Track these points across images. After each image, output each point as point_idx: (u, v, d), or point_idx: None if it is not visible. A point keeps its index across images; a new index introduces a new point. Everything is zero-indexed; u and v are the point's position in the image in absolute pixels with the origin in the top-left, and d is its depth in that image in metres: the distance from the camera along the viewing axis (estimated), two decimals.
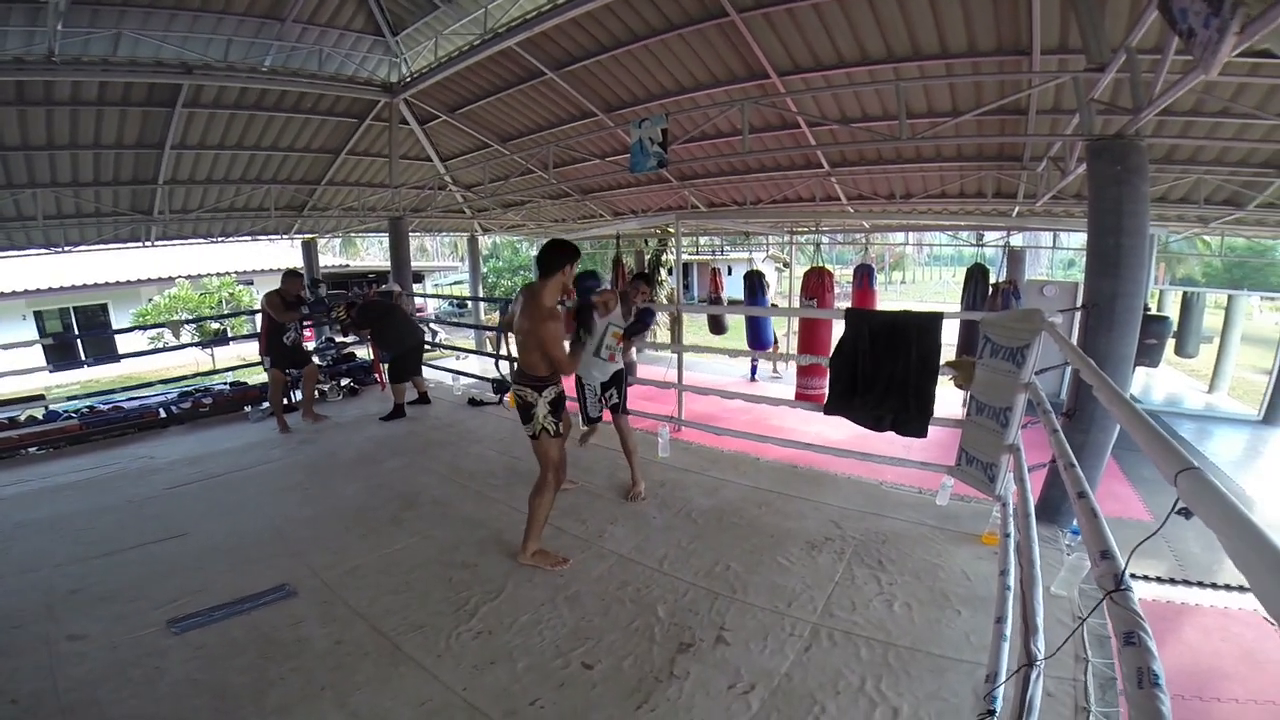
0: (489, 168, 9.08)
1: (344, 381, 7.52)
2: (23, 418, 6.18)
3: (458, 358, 9.68)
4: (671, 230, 11.70)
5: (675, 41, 6.30)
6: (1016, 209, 7.77)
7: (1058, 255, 13.42)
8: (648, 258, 13.96)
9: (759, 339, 10.41)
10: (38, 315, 15.62)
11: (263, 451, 5.29)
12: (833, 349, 3.99)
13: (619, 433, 3.88)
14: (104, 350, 13.48)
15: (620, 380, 3.92)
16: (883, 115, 6.50)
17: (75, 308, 16.13)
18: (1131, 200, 3.26)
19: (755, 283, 10.31)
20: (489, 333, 9.67)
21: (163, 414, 6.48)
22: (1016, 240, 10.24)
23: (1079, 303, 3.46)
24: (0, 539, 3.75)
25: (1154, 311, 9.45)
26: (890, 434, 3.78)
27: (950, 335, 6.71)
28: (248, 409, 6.66)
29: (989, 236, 10.28)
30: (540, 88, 7.76)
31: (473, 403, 6.59)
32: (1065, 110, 5.54)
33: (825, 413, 4.01)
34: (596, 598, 2.73)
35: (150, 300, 16.42)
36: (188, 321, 13.77)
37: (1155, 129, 5.46)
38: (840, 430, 4.19)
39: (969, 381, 3.28)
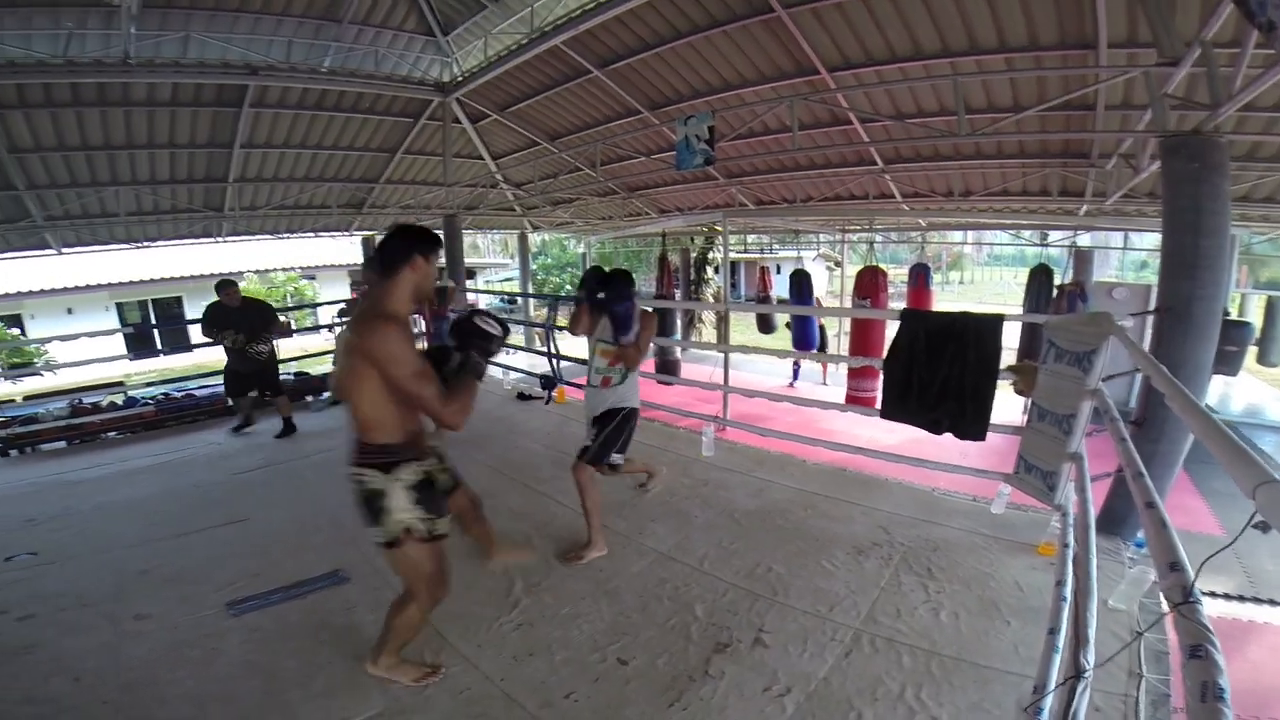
0: (538, 165, 9.21)
1: None
2: (104, 403, 6.63)
3: (507, 353, 9.86)
4: (719, 228, 11.62)
5: (720, 38, 6.25)
6: (1084, 208, 7.40)
7: (1129, 256, 12.70)
8: (694, 256, 13.89)
9: (804, 339, 10.22)
10: (119, 306, 16.75)
11: (323, 440, 5.50)
12: (887, 351, 3.86)
13: (576, 485, 3.09)
14: (179, 340, 14.29)
15: (612, 419, 3.15)
16: (939, 111, 6.29)
17: (153, 300, 17.22)
18: (1210, 198, 3.06)
19: (801, 282, 10.13)
20: (537, 329, 9.80)
21: (231, 402, 6.84)
22: (1084, 240, 9.72)
23: (1152, 306, 3.27)
24: (79, 520, 4.01)
25: (1235, 316, 8.82)
26: (945, 441, 3.66)
27: (1011, 339, 6.47)
28: (309, 398, 6.94)
29: (1054, 236, 9.80)
30: (587, 86, 7.84)
31: (521, 397, 6.71)
32: (1136, 106, 5.25)
33: (881, 416, 3.92)
34: (635, 594, 2.74)
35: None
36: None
37: (1236, 125, 5.11)
38: (893, 435, 4.10)
39: (1031, 387, 3.15)
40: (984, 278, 36.12)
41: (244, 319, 5.51)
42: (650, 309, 3.31)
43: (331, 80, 7.71)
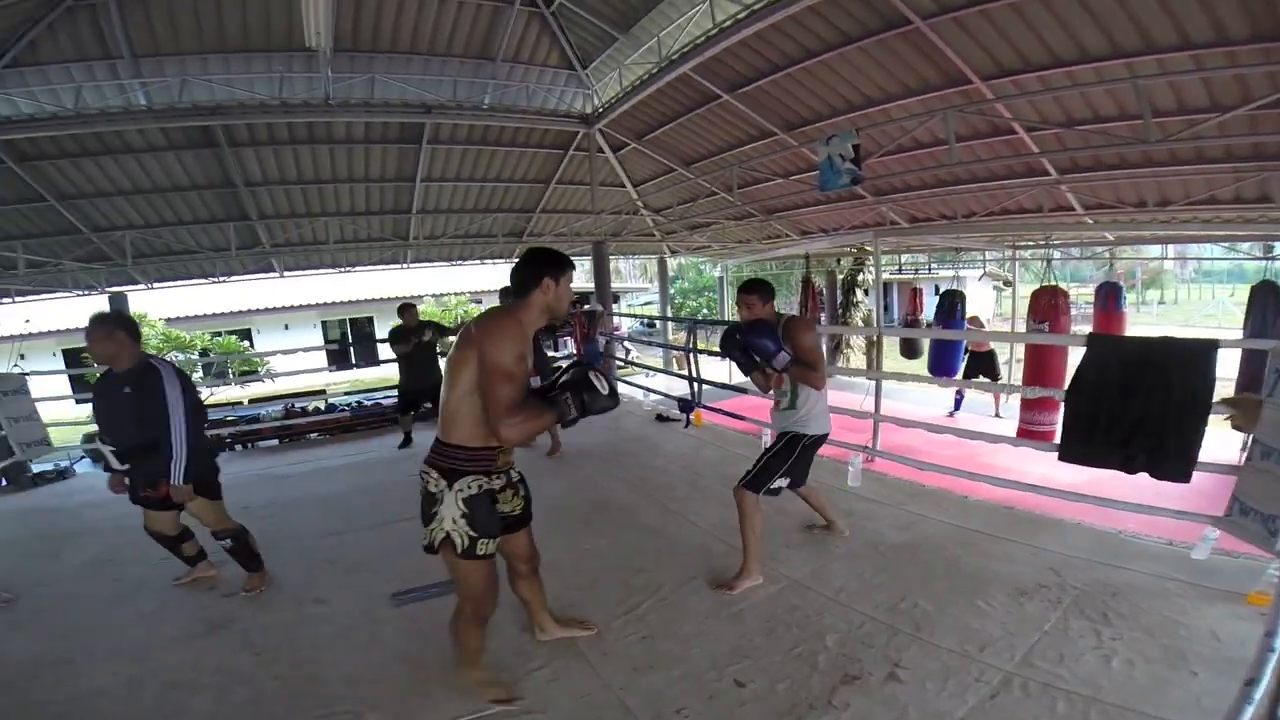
0: (675, 191, 9.43)
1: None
2: (310, 408, 7.79)
3: (647, 375, 10.15)
4: (868, 248, 11.12)
5: (855, 54, 6.05)
6: None
7: None
8: (841, 278, 13.38)
9: (942, 365, 9.39)
10: (323, 324, 19.54)
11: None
12: (1070, 382, 3.40)
13: (737, 509, 2.92)
14: (369, 355, 16.32)
15: (778, 443, 3.02)
16: (1119, 115, 5.61)
17: (350, 319, 19.88)
18: None
19: (950, 304, 9.37)
20: (675, 352, 10.00)
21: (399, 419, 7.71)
22: None
23: None
24: (283, 510, 4.65)
25: None
26: (1139, 481, 3.17)
27: (1227, 368, 5.49)
28: None
29: None
30: (718, 110, 7.94)
31: (659, 419, 6.87)
32: None
33: (1061, 459, 3.46)
34: (761, 618, 2.68)
35: None
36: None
37: None
38: (1073, 473, 3.60)
39: (1253, 423, 2.68)
40: (1190, 297, 30.92)
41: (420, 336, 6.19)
42: (796, 314, 3.13)
43: (492, 116, 8.55)
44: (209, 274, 10.53)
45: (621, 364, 8.69)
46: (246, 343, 17.85)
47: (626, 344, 15.00)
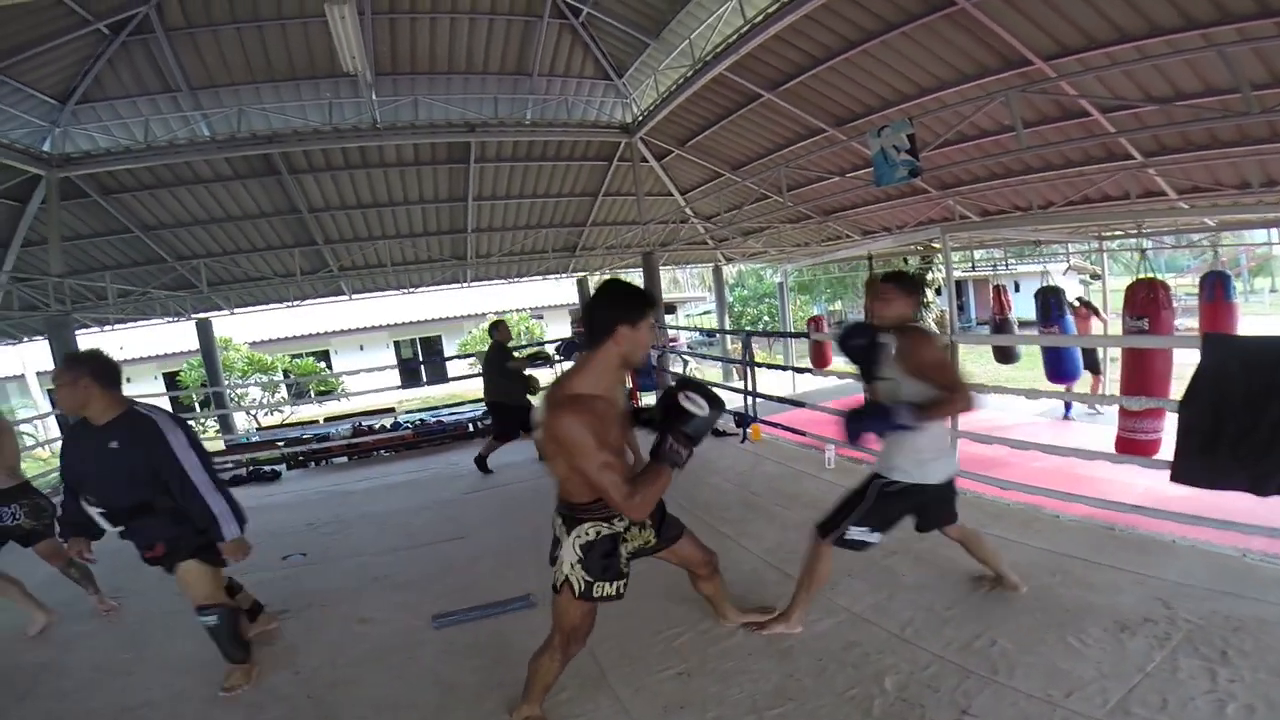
0: (724, 196, 9.22)
1: None
2: (377, 425, 8.03)
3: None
4: (936, 245, 10.50)
5: (900, 41, 5.74)
6: None
7: None
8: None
9: (1060, 370, 8.53)
10: (395, 344, 20.34)
11: (539, 465, 5.83)
12: (1185, 390, 2.91)
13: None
14: (439, 373, 16.82)
15: (863, 483, 2.58)
16: (1204, 90, 5.06)
17: (420, 339, 20.62)
18: None
19: (1050, 301, 8.56)
20: (734, 364, 9.72)
21: (471, 428, 7.86)
22: None
23: None
24: (344, 527, 4.78)
25: None
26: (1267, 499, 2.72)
27: None
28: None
29: None
30: (760, 110, 7.72)
31: (715, 433, 6.64)
32: None
33: (1174, 480, 2.99)
34: (813, 656, 2.43)
35: (469, 332, 20.19)
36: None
37: None
38: (1187, 488, 3.12)
39: None
40: None
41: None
42: (917, 327, 2.53)
43: (534, 131, 8.65)
44: (284, 299, 11.13)
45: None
46: (324, 364, 18.77)
47: (685, 357, 14.79)
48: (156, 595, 3.58)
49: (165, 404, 15.25)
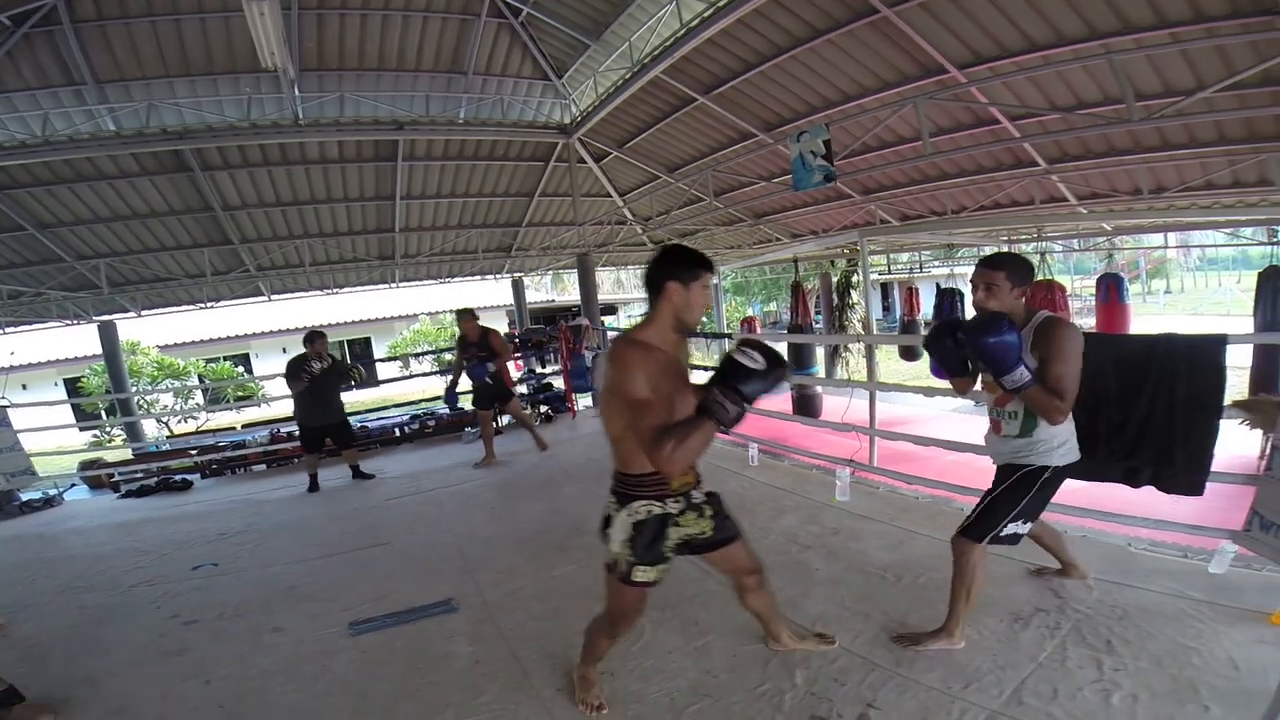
0: (661, 198, 9.27)
1: (542, 409, 8.18)
2: (298, 432, 7.66)
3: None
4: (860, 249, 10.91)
5: (826, 48, 5.93)
6: None
7: None
8: (835, 280, 13.11)
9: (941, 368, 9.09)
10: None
11: (468, 470, 5.89)
12: None
13: (954, 560, 2.40)
14: (369, 376, 16.23)
15: (1006, 478, 2.39)
16: (1103, 99, 5.45)
17: (348, 340, 19.83)
18: None
19: (946, 301, 9.12)
20: None
21: (397, 433, 7.65)
22: None
23: None
24: (257, 536, 4.61)
25: None
26: (1151, 489, 2.92)
27: (1239, 358, 5.23)
28: (467, 430, 7.48)
29: None
30: (695, 113, 7.83)
31: None
32: None
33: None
34: (728, 653, 2.47)
35: (401, 334, 19.58)
36: (424, 353, 16.11)
37: None
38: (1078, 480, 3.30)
39: (1271, 426, 2.44)
40: (1197, 285, 30.51)
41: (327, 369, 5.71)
42: (1059, 320, 2.31)
43: (467, 130, 8.44)
44: (197, 300, 10.49)
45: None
46: (243, 368, 17.81)
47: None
48: (46, 609, 3.52)
49: (67, 412, 14.23)
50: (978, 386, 2.57)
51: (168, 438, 10.60)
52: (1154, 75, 5.03)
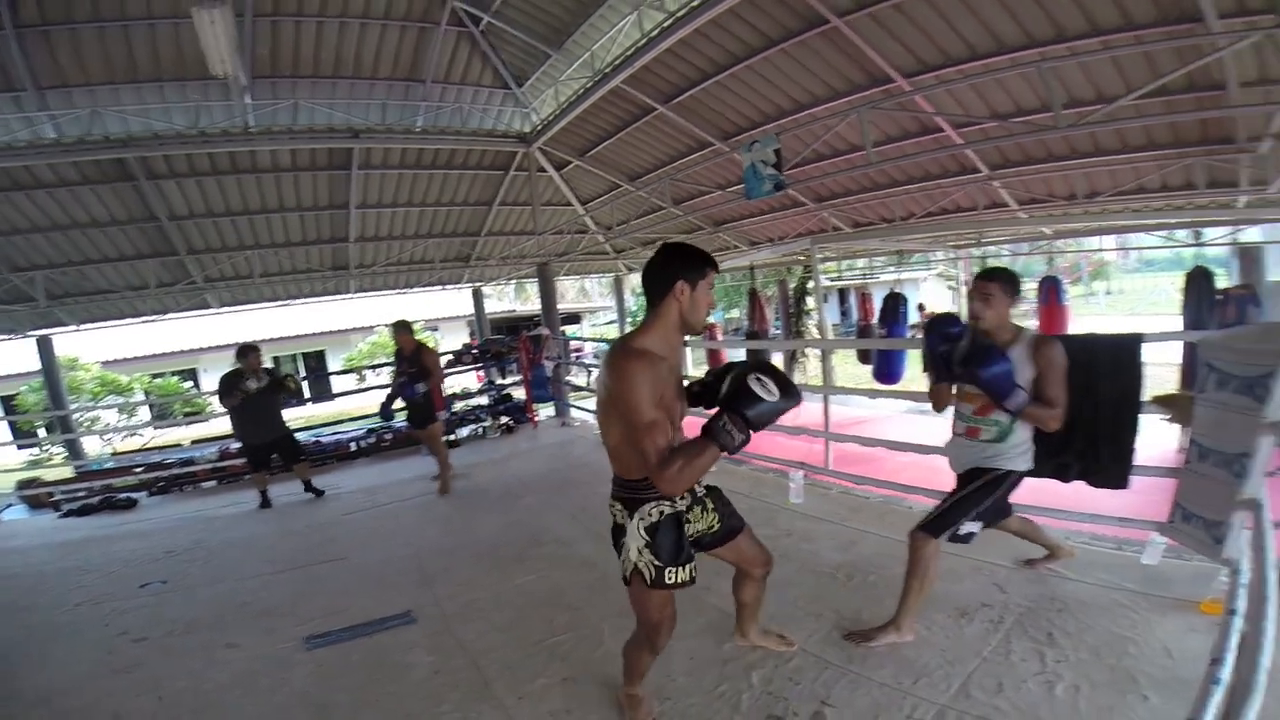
0: (622, 207, 9.29)
1: (503, 420, 8.12)
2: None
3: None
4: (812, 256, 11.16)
5: (779, 58, 6.08)
6: (1243, 199, 6.34)
7: None
8: (792, 286, 13.37)
9: (885, 372, 9.40)
10: (275, 360, 18.93)
11: (425, 484, 5.81)
12: None
13: (909, 554, 2.50)
14: (322, 390, 15.82)
15: (975, 479, 2.55)
16: (1040, 107, 5.68)
17: (302, 354, 19.32)
18: None
19: (893, 307, 9.43)
20: None
21: (353, 447, 7.49)
22: (1254, 235, 8.31)
23: None
24: (207, 553, 4.50)
25: None
26: (1083, 485, 3.06)
27: (1172, 355, 5.54)
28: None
29: (1212, 234, 8.48)
30: (655, 123, 7.90)
31: None
32: (1275, 80, 4.49)
33: None
34: (686, 655, 2.51)
35: (357, 347, 19.15)
36: (379, 366, 15.79)
37: None
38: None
39: (1188, 420, 2.58)
40: (1136, 286, 32.06)
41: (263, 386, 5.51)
42: (1051, 340, 2.48)
43: (424, 139, 8.33)
44: (141, 313, 10.08)
45: (579, 390, 8.50)
46: (190, 383, 17.18)
47: (593, 368, 14.77)
48: None
49: (2, 430, 13.47)
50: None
51: (111, 455, 10.19)
52: (1087, 83, 5.29)
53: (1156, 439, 3.27)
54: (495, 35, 8.01)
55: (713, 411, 1.74)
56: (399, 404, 5.81)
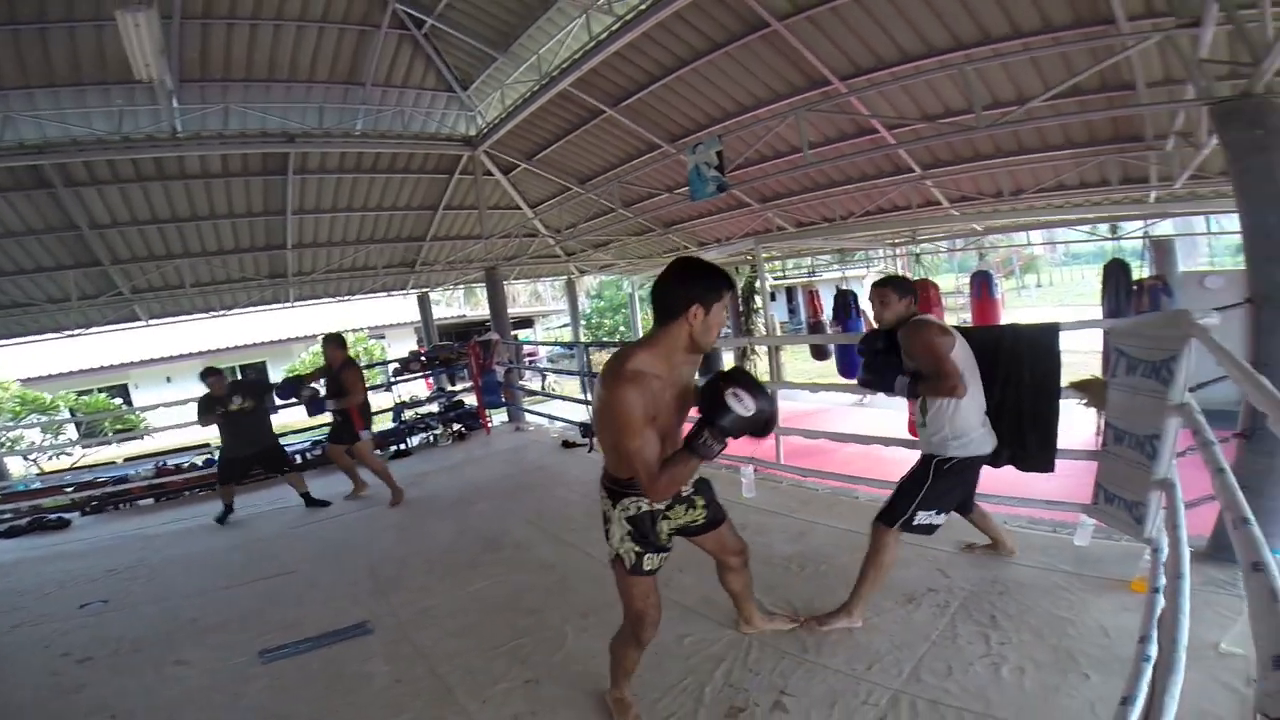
0: (572, 209, 9.26)
1: (454, 426, 8.02)
2: (186, 464, 7.15)
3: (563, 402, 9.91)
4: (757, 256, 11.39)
5: (724, 61, 6.19)
6: (1154, 194, 6.81)
7: (1221, 241, 11.58)
8: (741, 285, 13.58)
9: (847, 366, 9.71)
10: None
11: (375, 493, 5.68)
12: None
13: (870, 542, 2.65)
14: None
15: (916, 466, 2.74)
16: (966, 107, 5.91)
17: (241, 365, 18.50)
18: None
19: (844, 303, 9.72)
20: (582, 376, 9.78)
21: (298, 460, 7.24)
22: (1165, 228, 8.92)
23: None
24: (149, 570, 4.35)
25: None
26: (1016, 470, 3.20)
27: (1095, 343, 5.86)
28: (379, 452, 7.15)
29: (1128, 227, 9.06)
30: (604, 125, 7.91)
31: (565, 445, 6.71)
32: (1179, 80, 4.83)
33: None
34: (650, 651, 2.49)
35: (299, 357, 18.48)
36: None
37: None
38: None
39: (1103, 404, 2.76)
40: (1064, 279, 33.93)
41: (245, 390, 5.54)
42: (919, 319, 2.68)
43: (364, 143, 8.10)
44: (64, 327, 9.50)
45: (532, 394, 8.46)
46: (119, 399, 16.28)
47: (546, 372, 14.71)
48: None
49: None
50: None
51: (38, 475, 9.61)
52: (1009, 83, 5.58)
53: (1079, 423, 3.47)
54: (439, 38, 7.89)
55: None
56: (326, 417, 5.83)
